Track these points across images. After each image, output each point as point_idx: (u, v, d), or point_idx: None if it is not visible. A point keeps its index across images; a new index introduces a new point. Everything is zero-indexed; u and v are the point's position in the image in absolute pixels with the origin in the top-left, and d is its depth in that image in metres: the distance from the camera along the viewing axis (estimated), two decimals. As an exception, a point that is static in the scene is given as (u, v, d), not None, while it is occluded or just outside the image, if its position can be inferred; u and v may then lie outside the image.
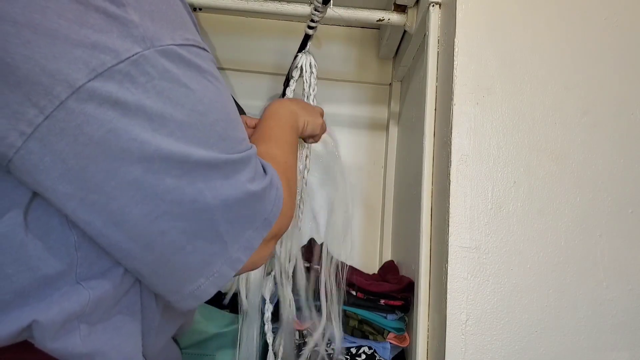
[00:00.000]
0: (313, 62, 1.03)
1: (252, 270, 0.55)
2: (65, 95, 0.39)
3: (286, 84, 1.12)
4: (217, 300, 1.07)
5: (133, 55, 0.41)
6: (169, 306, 0.55)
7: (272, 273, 1.03)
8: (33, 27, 0.38)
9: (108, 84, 0.40)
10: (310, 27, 1.01)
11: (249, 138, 0.55)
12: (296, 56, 1.05)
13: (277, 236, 0.57)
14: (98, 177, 0.42)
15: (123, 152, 0.41)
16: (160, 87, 0.42)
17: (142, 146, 0.42)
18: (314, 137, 0.92)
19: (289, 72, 1.11)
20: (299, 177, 1.04)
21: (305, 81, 1.03)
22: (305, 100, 1.02)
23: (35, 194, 0.44)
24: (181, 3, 0.48)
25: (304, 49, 1.05)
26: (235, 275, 0.51)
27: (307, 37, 1.03)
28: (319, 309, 1.07)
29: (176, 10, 0.46)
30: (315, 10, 0.99)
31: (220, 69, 1.43)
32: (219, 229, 0.47)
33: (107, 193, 0.42)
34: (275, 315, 1.03)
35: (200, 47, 0.47)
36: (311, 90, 1.02)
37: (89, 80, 0.39)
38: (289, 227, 0.62)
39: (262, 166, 0.55)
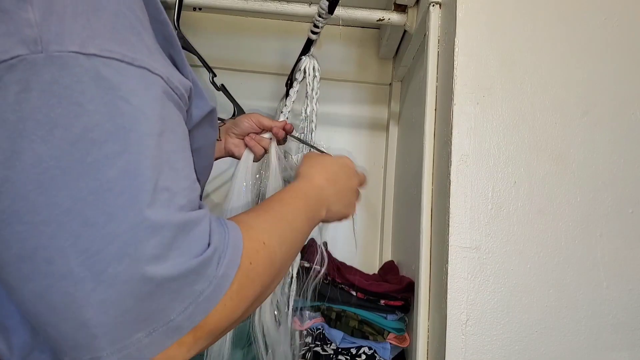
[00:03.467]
0: (317, 66, 1.04)
1: None
2: None
3: (289, 85, 1.12)
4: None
5: (11, 59, 0.33)
6: None
7: None
8: None
9: None
10: (313, 32, 1.01)
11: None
12: (300, 59, 1.05)
13: (206, 336, 0.39)
14: None
15: None
16: (38, 102, 0.34)
17: None
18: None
19: (291, 74, 1.11)
20: None
21: (308, 84, 1.03)
22: (309, 103, 1.02)
23: None
24: (132, 15, 0.40)
25: (307, 52, 1.05)
26: None
27: (310, 42, 1.03)
28: (317, 309, 1.07)
29: (114, 18, 0.38)
30: (319, 16, 0.99)
31: (220, 69, 1.43)
32: (83, 317, 0.34)
33: None
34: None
35: (127, 63, 0.37)
36: (314, 93, 1.02)
37: None
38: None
39: (209, 236, 0.39)
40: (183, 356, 0.38)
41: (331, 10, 0.96)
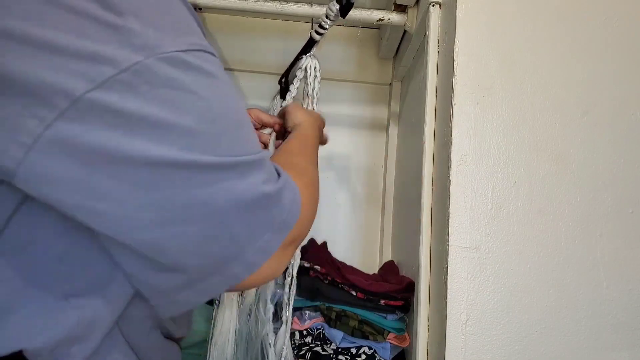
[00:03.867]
0: (318, 66, 1.03)
1: (272, 279, 0.52)
2: (64, 106, 0.39)
3: (284, 83, 1.12)
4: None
5: (134, 65, 0.40)
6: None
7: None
8: (30, 39, 0.38)
9: (108, 94, 0.40)
10: (318, 33, 1.01)
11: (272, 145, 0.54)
12: (300, 58, 1.05)
13: (296, 241, 0.55)
14: (103, 186, 0.41)
15: (126, 161, 0.41)
16: (165, 96, 0.42)
17: (145, 154, 0.41)
18: None
19: (286, 72, 1.11)
20: None
21: (309, 84, 1.02)
22: (309, 102, 1.02)
23: (19, 204, 0.44)
24: (185, 7, 0.47)
25: (308, 52, 1.04)
26: (248, 285, 0.50)
27: (312, 42, 1.03)
28: (317, 309, 1.07)
29: (180, 14, 0.46)
30: (327, 17, 0.98)
31: (221, 69, 1.44)
32: (232, 232, 0.46)
33: (114, 200, 0.42)
34: (276, 315, 1.03)
35: (206, 52, 0.46)
36: (314, 93, 1.02)
37: (88, 91, 0.39)
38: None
39: (276, 170, 0.53)
40: (284, 259, 0.53)
41: (344, 13, 0.96)
